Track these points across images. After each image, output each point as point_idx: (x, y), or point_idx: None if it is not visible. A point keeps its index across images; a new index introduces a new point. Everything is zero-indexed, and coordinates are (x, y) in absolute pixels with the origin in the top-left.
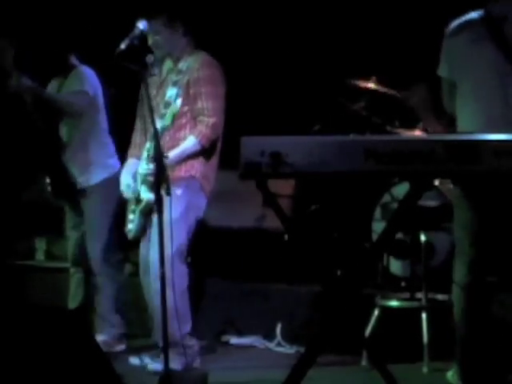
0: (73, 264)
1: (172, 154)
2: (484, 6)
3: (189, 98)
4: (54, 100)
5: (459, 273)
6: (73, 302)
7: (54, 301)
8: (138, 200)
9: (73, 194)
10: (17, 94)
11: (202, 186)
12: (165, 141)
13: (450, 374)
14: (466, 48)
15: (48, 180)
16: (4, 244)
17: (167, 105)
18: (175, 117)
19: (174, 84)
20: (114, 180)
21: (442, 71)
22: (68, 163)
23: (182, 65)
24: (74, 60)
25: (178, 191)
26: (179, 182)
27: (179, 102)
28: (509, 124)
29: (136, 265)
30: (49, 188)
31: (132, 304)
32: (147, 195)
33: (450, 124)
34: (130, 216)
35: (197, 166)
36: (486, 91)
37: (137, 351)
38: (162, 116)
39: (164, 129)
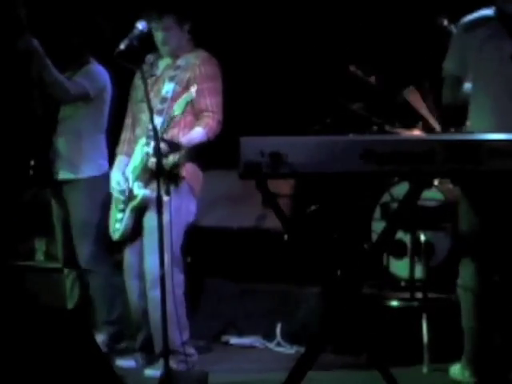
0: (64, 265)
1: (183, 139)
2: (492, 3)
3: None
4: (51, 74)
5: (465, 273)
6: (70, 303)
7: (54, 301)
8: (128, 200)
9: (52, 183)
10: (25, 53)
11: (191, 188)
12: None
13: (456, 369)
14: (483, 43)
15: (32, 164)
16: (5, 244)
17: (164, 100)
18: (187, 105)
19: (171, 79)
20: (102, 180)
21: (449, 64)
22: (58, 153)
23: (180, 61)
24: (88, 57)
25: (165, 198)
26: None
27: (194, 90)
28: None
29: None
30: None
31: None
32: (142, 191)
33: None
34: (118, 215)
35: (187, 168)
36: (502, 85)
37: (134, 352)
38: (160, 112)
39: (172, 118)
